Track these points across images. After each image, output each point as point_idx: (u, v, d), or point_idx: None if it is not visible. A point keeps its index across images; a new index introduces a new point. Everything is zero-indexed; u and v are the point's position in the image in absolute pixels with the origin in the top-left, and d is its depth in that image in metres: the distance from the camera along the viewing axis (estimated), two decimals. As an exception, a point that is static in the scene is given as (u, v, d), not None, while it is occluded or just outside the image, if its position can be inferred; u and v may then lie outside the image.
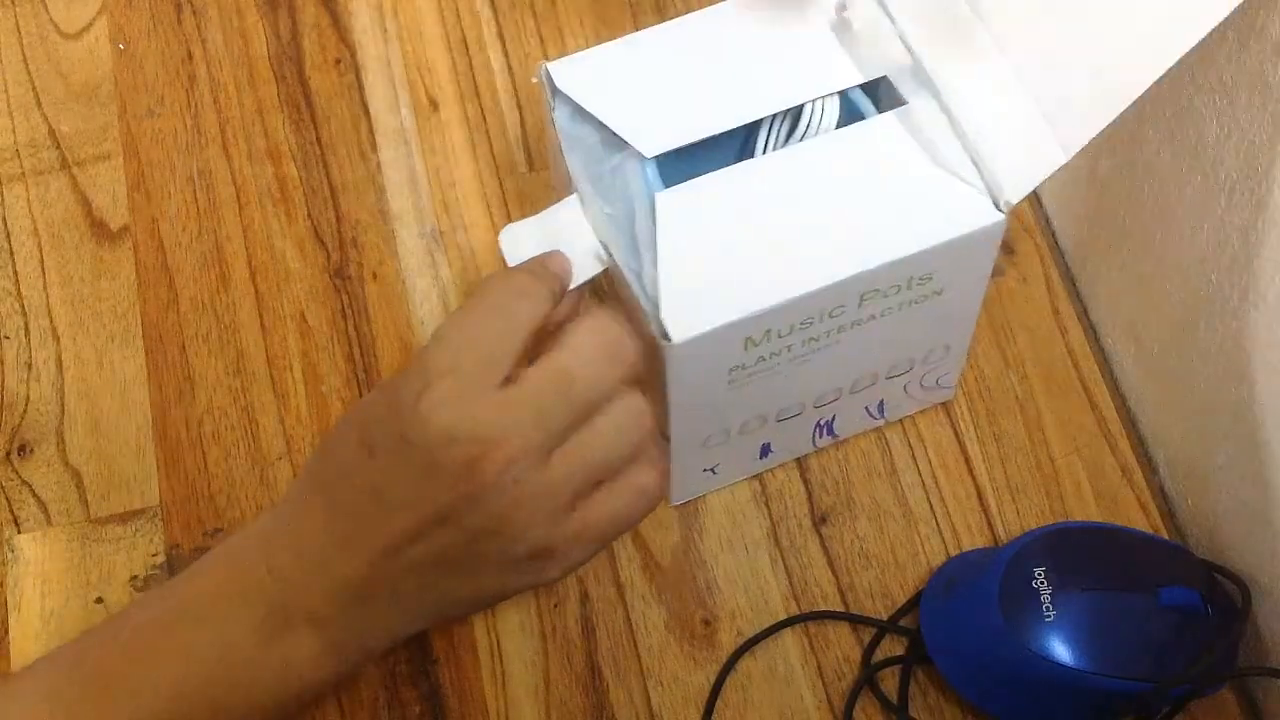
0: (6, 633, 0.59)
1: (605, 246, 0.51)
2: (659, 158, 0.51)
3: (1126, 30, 0.47)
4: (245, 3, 0.73)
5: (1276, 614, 0.55)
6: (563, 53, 0.53)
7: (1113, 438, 0.62)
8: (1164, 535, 0.60)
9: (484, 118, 0.70)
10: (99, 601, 0.60)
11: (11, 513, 0.62)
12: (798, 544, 0.60)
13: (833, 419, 0.59)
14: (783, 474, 0.62)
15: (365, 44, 0.72)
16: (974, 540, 0.60)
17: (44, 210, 0.68)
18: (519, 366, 0.44)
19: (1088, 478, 0.62)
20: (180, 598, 0.47)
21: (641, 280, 0.49)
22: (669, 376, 0.50)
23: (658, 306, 0.49)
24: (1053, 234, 0.67)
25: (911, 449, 0.62)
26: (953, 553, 0.60)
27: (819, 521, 0.61)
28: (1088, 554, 0.55)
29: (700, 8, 0.55)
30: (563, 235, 0.51)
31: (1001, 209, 0.49)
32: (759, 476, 0.61)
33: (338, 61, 0.72)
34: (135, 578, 0.60)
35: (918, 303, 0.52)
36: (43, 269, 0.67)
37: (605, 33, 0.71)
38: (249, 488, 0.62)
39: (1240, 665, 0.56)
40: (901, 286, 0.51)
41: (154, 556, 0.61)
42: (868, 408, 0.60)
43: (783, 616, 0.59)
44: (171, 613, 0.47)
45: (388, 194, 0.68)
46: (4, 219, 0.68)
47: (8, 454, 0.63)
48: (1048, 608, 0.53)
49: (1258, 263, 0.51)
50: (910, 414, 0.62)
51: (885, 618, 0.59)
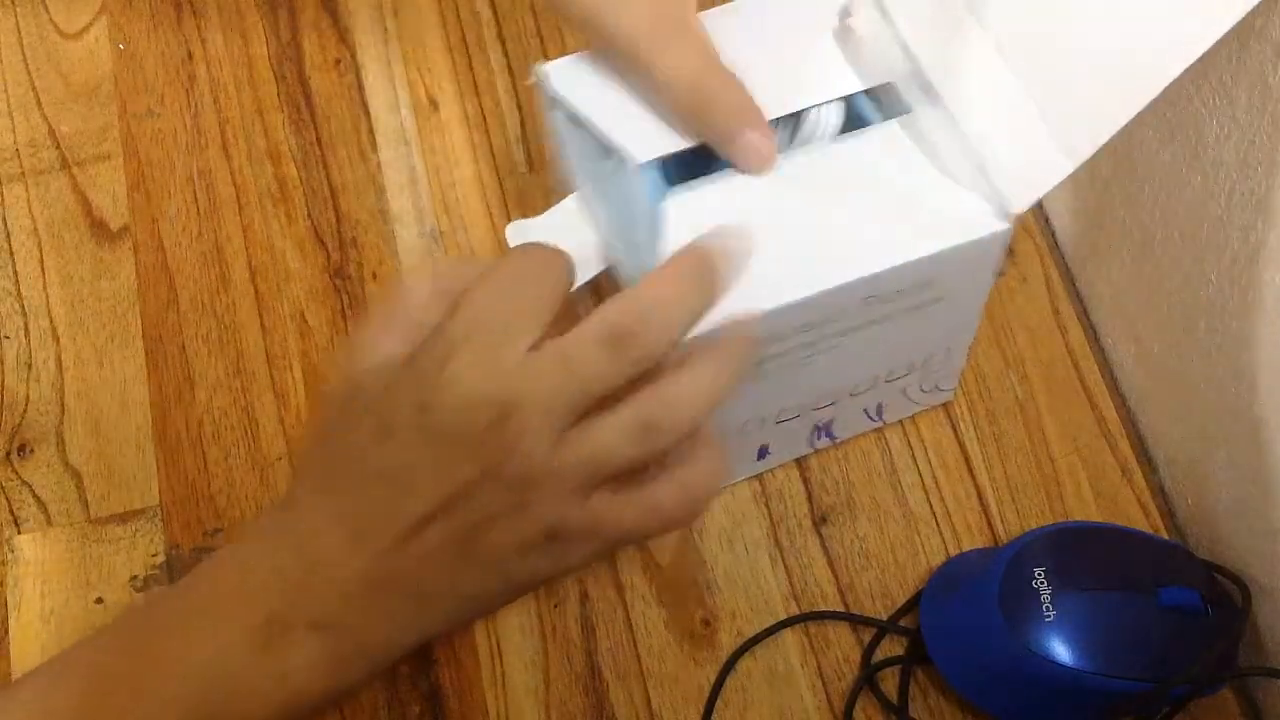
0: (6, 633, 0.59)
1: (607, 246, 0.51)
2: (663, 159, 0.51)
3: (1132, 40, 0.46)
4: (245, 3, 0.73)
5: (1276, 614, 0.55)
6: (563, 53, 0.53)
7: (1113, 438, 0.62)
8: (1164, 535, 0.60)
9: (484, 118, 0.70)
10: (99, 602, 0.60)
11: (11, 513, 0.62)
12: (798, 544, 0.60)
13: (831, 421, 0.59)
14: (783, 474, 0.62)
15: (365, 44, 0.72)
16: (974, 540, 0.60)
17: (44, 210, 0.68)
18: (545, 337, 0.42)
19: (1088, 478, 0.62)
20: (179, 602, 0.46)
21: None
22: None
23: None
24: (1053, 234, 0.67)
25: (911, 449, 0.62)
26: (953, 553, 0.60)
27: (819, 521, 0.61)
28: (1088, 554, 0.55)
29: (701, 10, 0.55)
30: (567, 234, 0.51)
31: (1006, 218, 0.49)
32: (759, 476, 0.61)
33: (338, 61, 0.72)
34: (135, 578, 0.60)
35: (919, 308, 0.52)
36: (43, 269, 0.67)
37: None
38: (249, 488, 0.62)
39: (1240, 665, 0.56)
40: (904, 292, 0.51)
41: (154, 557, 0.61)
42: (866, 410, 0.60)
43: (783, 616, 0.59)
44: (170, 616, 0.46)
45: (388, 194, 0.68)
46: (4, 219, 0.68)
47: (8, 454, 0.63)
48: (1048, 608, 0.53)
49: (1258, 263, 0.51)
50: (909, 416, 0.62)
51: (885, 618, 0.59)
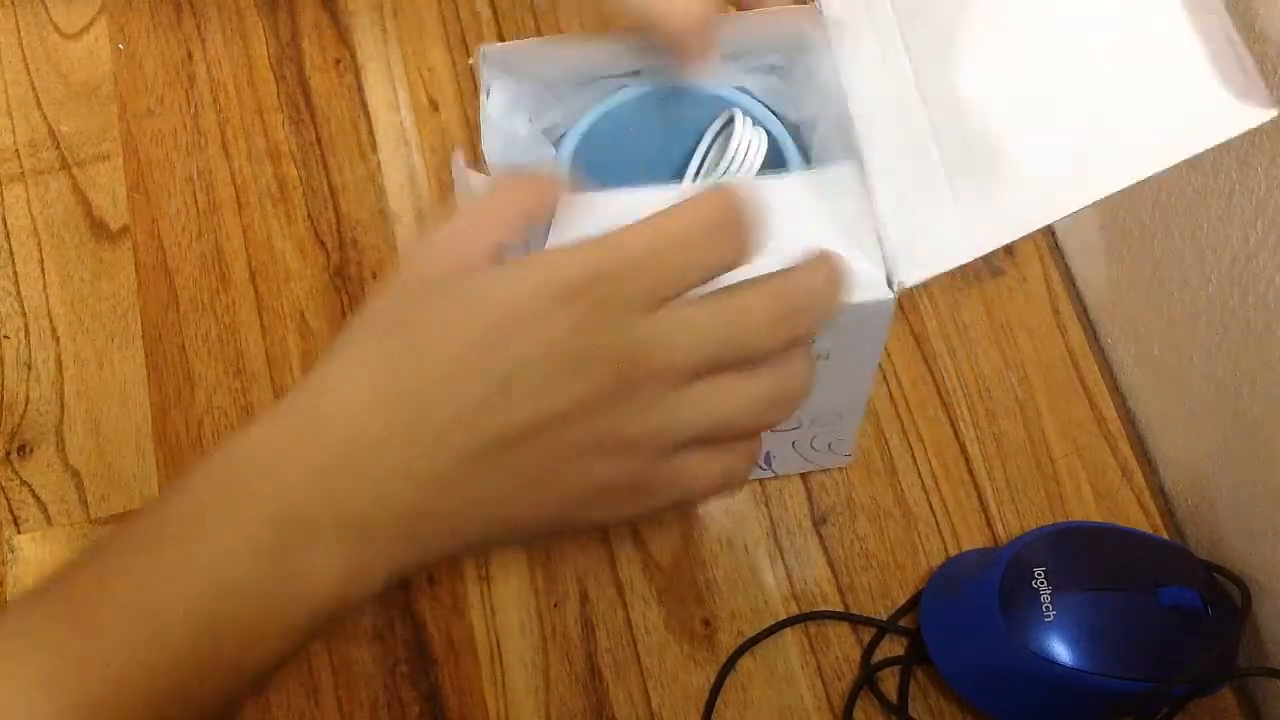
0: (6, 633, 0.59)
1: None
2: (591, 160, 0.50)
3: (1060, 153, 0.46)
4: (245, 3, 0.73)
5: (1276, 614, 0.55)
6: (563, 53, 0.53)
7: (1113, 438, 0.62)
8: (1164, 535, 0.60)
9: (484, 118, 0.70)
10: (99, 601, 0.60)
11: (11, 513, 0.62)
12: (797, 544, 0.60)
13: None
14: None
15: (365, 44, 0.72)
16: (974, 540, 0.60)
17: (44, 210, 0.68)
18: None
19: (1088, 478, 0.62)
20: (181, 503, 0.40)
21: None
22: None
23: None
24: (1053, 234, 0.67)
25: (911, 449, 0.62)
26: (953, 553, 0.60)
27: (819, 521, 0.61)
28: (1088, 554, 0.55)
29: None
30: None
31: (893, 288, 0.47)
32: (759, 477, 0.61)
33: (338, 61, 0.72)
34: (135, 578, 0.60)
35: None
36: (43, 269, 0.67)
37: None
38: (249, 488, 0.62)
39: (1240, 665, 0.56)
40: None
41: (154, 556, 0.61)
42: None
43: (782, 616, 0.59)
44: (170, 522, 0.39)
45: (388, 194, 0.68)
46: (4, 219, 0.68)
47: (8, 454, 0.63)
48: (1048, 608, 0.52)
49: (1258, 263, 0.51)
50: (803, 472, 0.61)
51: (885, 618, 0.59)
